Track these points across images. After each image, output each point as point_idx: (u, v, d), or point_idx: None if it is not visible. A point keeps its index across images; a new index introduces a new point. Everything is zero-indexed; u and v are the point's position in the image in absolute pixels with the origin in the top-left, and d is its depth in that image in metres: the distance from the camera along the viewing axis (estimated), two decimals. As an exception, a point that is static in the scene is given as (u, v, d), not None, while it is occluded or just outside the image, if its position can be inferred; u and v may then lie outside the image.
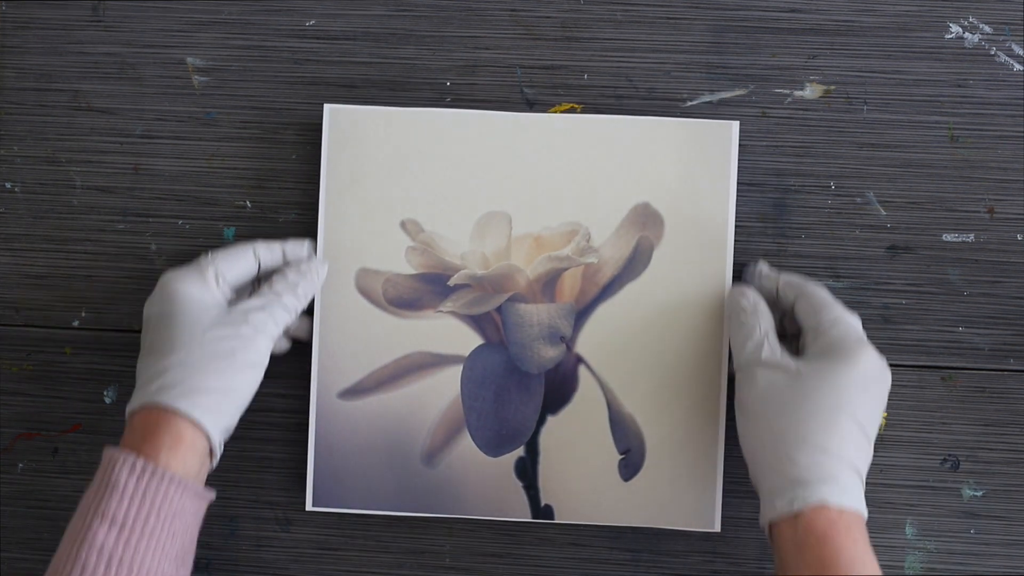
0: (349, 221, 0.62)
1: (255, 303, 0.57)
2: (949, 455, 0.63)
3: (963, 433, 0.63)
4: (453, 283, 0.62)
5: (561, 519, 0.62)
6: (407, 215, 0.62)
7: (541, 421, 0.62)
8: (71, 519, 0.52)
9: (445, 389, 0.62)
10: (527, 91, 0.64)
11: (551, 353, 0.62)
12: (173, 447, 0.53)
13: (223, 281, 0.58)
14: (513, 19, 0.64)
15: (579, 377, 0.62)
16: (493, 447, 0.62)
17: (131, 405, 0.55)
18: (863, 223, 0.63)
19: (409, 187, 0.62)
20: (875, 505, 0.63)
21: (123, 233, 0.65)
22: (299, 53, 0.65)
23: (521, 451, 0.62)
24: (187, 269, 0.58)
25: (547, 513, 0.62)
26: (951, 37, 0.63)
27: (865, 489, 0.53)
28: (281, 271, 0.60)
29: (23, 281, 0.65)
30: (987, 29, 0.63)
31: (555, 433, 0.62)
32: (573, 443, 0.62)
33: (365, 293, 0.62)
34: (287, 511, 0.64)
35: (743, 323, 0.58)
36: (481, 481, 0.62)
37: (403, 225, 0.62)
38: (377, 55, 0.64)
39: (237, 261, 0.59)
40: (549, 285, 0.62)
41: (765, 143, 0.63)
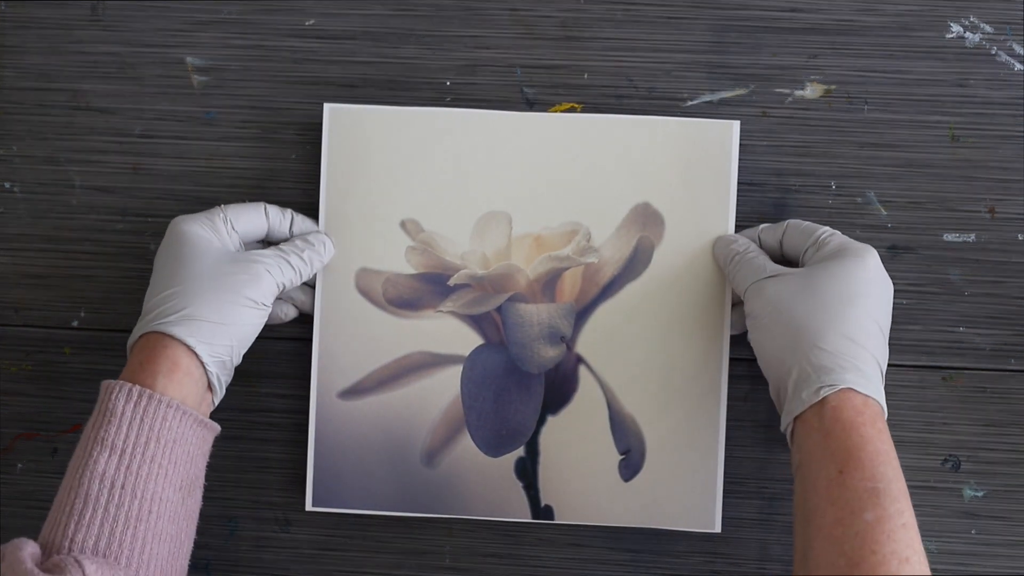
0: (349, 221, 0.62)
1: (264, 252, 0.58)
2: (950, 455, 0.63)
3: (964, 433, 0.63)
4: (453, 283, 0.62)
5: (561, 519, 0.62)
6: (407, 215, 0.62)
7: (541, 421, 0.62)
8: (73, 452, 0.53)
9: (445, 389, 0.62)
10: (527, 91, 0.64)
11: (551, 353, 0.62)
12: (170, 373, 0.53)
13: (232, 228, 0.58)
14: (513, 18, 0.64)
15: (579, 377, 0.62)
16: (493, 447, 0.62)
17: (131, 337, 0.56)
18: (864, 223, 0.63)
19: (409, 187, 0.62)
20: (876, 505, 0.63)
21: (122, 233, 0.65)
22: (299, 53, 0.64)
23: (521, 451, 0.62)
24: (198, 214, 0.59)
25: (547, 513, 0.62)
26: (952, 37, 0.63)
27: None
28: (290, 240, 0.60)
29: (22, 281, 0.65)
30: (988, 29, 0.63)
31: (555, 433, 0.62)
32: (573, 443, 0.62)
33: (365, 293, 0.62)
34: (287, 511, 0.64)
35: (741, 259, 0.58)
36: (481, 481, 0.62)
37: (403, 225, 0.62)
38: (377, 55, 0.64)
39: (248, 212, 0.59)
40: (549, 285, 0.62)
41: (766, 143, 0.63)
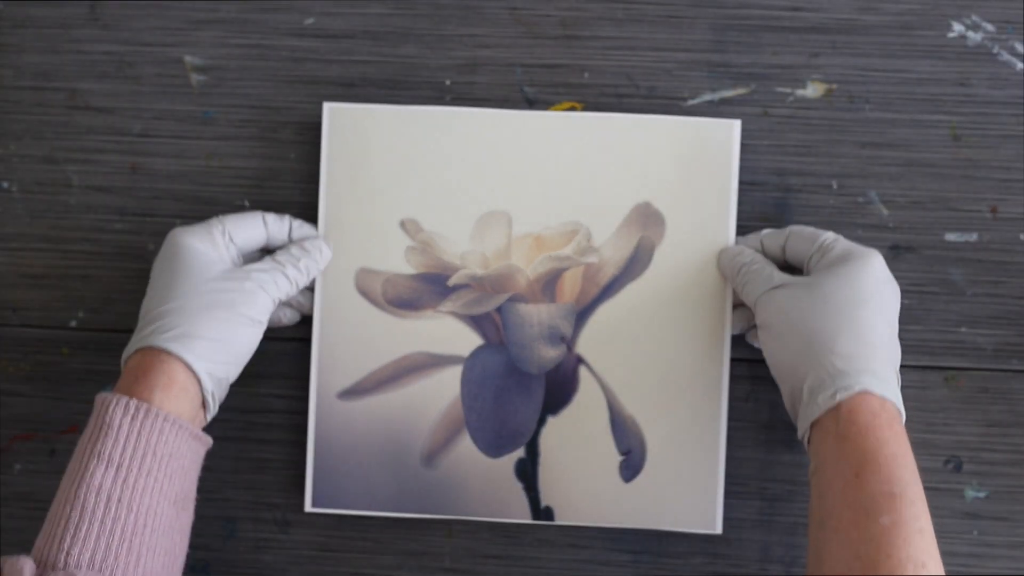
0: (349, 221, 0.62)
1: (259, 266, 0.58)
2: (952, 456, 0.63)
3: (966, 434, 0.63)
4: (453, 283, 0.62)
5: (561, 520, 0.62)
6: (407, 215, 0.62)
7: (541, 422, 0.62)
8: (68, 463, 0.52)
9: (445, 390, 0.62)
10: (527, 90, 0.64)
11: (551, 353, 0.62)
12: (166, 388, 0.53)
13: (230, 240, 0.58)
14: (513, 17, 0.64)
15: (579, 378, 0.62)
16: (493, 448, 0.62)
17: (127, 351, 0.56)
18: (865, 223, 0.63)
19: (409, 186, 0.62)
20: (877, 506, 0.62)
21: (121, 233, 0.65)
22: (298, 52, 0.64)
23: (521, 452, 0.62)
24: (196, 225, 0.59)
25: (547, 514, 0.62)
26: (954, 36, 0.63)
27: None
28: (286, 247, 0.60)
29: (20, 281, 0.65)
30: (990, 28, 0.63)
31: (555, 434, 0.62)
32: (573, 444, 0.62)
33: (365, 293, 0.62)
34: (286, 512, 0.64)
35: (747, 270, 0.58)
36: (481, 482, 0.62)
37: (403, 225, 0.62)
38: (377, 54, 0.64)
39: (246, 224, 0.59)
40: (549, 285, 0.62)
41: (767, 142, 0.63)
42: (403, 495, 0.62)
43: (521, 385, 0.62)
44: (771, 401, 0.63)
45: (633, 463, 0.62)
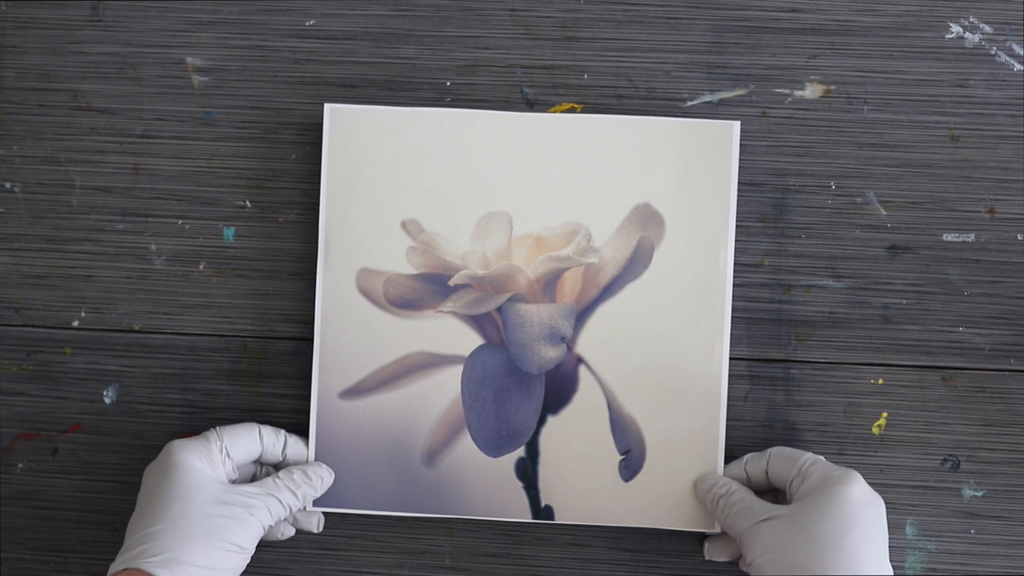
0: (350, 221, 0.62)
1: (254, 489, 0.58)
2: (950, 455, 0.63)
3: (964, 433, 0.63)
4: (454, 283, 0.62)
5: (561, 519, 0.62)
6: (408, 215, 0.62)
7: (541, 421, 0.62)
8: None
9: (446, 389, 0.62)
10: (527, 91, 0.64)
11: (551, 353, 0.62)
12: None
13: (227, 456, 0.59)
14: (513, 19, 0.64)
15: (579, 377, 0.62)
16: (493, 447, 0.62)
17: (114, 566, 0.55)
18: (863, 223, 0.63)
19: (410, 187, 0.62)
20: (875, 505, 0.63)
21: (123, 233, 0.65)
22: (299, 53, 0.64)
23: (521, 451, 0.62)
24: (194, 440, 0.58)
25: (547, 513, 0.62)
26: (951, 37, 0.63)
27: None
28: (288, 470, 0.60)
29: (23, 281, 0.65)
30: (987, 29, 0.63)
31: (555, 433, 0.62)
32: (573, 443, 0.62)
33: (366, 293, 0.62)
34: (287, 511, 0.64)
35: (727, 502, 0.59)
36: (481, 481, 0.62)
37: (404, 225, 0.62)
38: (377, 55, 0.64)
39: (243, 439, 0.60)
40: (550, 285, 0.62)
41: (765, 143, 0.63)
42: (404, 494, 0.62)
43: (521, 385, 0.62)
44: (770, 401, 0.63)
45: (633, 462, 0.62)
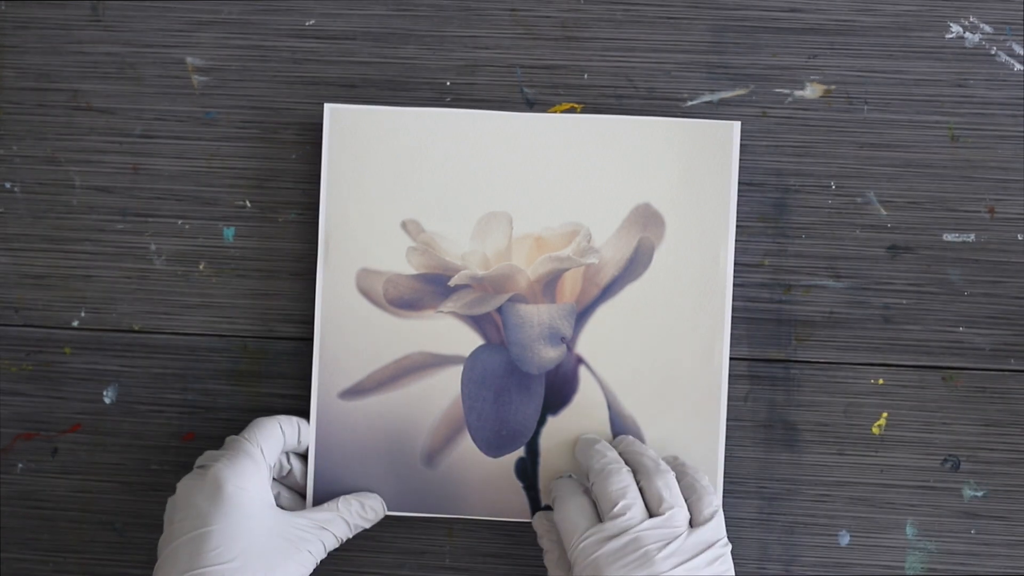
0: (350, 221, 0.62)
1: (306, 523, 0.58)
2: (950, 455, 0.63)
3: (964, 433, 0.63)
4: (454, 283, 0.62)
5: (561, 519, 0.62)
6: (408, 215, 0.62)
7: (541, 422, 0.62)
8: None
9: (445, 389, 0.62)
10: (527, 91, 0.64)
11: (551, 354, 0.62)
12: None
13: (269, 466, 0.58)
14: (513, 19, 0.64)
15: (579, 378, 0.62)
16: (493, 447, 0.62)
17: None
18: (863, 223, 0.63)
19: (409, 187, 0.62)
20: (876, 505, 0.63)
21: (122, 233, 0.65)
22: (299, 53, 0.64)
23: (521, 451, 0.62)
24: (239, 461, 0.57)
25: (547, 513, 0.62)
26: (952, 37, 0.63)
27: (866, 490, 0.52)
28: (347, 500, 0.60)
29: (22, 281, 0.65)
30: (987, 29, 0.63)
31: (555, 434, 0.62)
32: (574, 444, 0.62)
33: (366, 293, 0.62)
34: (287, 511, 0.64)
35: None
36: (481, 481, 0.62)
37: (404, 225, 0.62)
38: (377, 55, 0.64)
39: (272, 437, 0.59)
40: (550, 285, 0.62)
41: (765, 143, 0.63)
42: (404, 494, 0.62)
43: (521, 385, 0.62)
44: (770, 401, 0.63)
45: (633, 462, 0.62)
